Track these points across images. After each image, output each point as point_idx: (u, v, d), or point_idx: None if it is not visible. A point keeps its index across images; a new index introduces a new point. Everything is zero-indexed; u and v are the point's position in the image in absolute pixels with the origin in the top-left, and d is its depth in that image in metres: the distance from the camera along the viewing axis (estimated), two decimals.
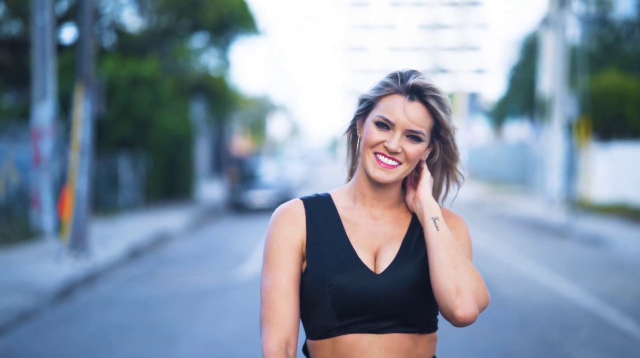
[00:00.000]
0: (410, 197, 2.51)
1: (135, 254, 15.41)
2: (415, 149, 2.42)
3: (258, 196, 27.17)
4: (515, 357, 7.79)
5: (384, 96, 2.43)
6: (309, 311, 2.43)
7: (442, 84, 2.49)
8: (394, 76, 2.44)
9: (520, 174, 37.41)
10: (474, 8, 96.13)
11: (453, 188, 2.61)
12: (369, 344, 2.39)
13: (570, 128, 23.98)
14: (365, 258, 2.43)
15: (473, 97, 63.45)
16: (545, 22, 26.45)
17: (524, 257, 14.88)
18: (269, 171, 29.10)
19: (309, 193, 2.62)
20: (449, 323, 2.37)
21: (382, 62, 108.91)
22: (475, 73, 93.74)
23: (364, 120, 2.48)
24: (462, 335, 8.25)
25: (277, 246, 2.43)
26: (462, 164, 2.58)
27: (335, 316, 2.39)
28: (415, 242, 2.46)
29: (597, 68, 29.51)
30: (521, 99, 37.60)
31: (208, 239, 18.79)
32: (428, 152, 2.49)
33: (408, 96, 2.41)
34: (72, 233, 13.86)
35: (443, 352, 7.44)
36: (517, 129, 47.54)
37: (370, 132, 2.42)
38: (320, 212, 2.49)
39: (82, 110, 14.16)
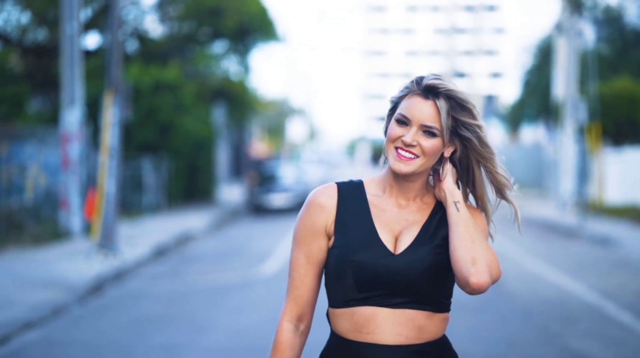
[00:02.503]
0: (437, 189, 2.76)
1: (160, 253, 16.11)
2: (431, 144, 2.66)
3: (277, 199, 27.68)
4: (517, 345, 8.42)
5: (404, 96, 2.71)
6: (333, 282, 2.70)
7: (459, 88, 2.79)
8: (415, 79, 2.72)
9: (535, 178, 37.74)
10: (491, 12, 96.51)
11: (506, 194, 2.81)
12: (384, 317, 2.64)
13: (582, 133, 24.47)
14: (386, 239, 2.67)
15: (489, 100, 63.82)
16: (558, 28, 26.92)
17: (534, 256, 15.46)
18: (287, 174, 29.48)
19: None
20: (456, 315, 2.74)
21: (399, 66, 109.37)
22: (492, 77, 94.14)
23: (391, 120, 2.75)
24: (468, 325, 8.88)
25: (304, 227, 2.74)
26: (500, 163, 2.77)
27: (355, 289, 2.64)
28: (433, 229, 2.71)
29: (610, 73, 29.97)
30: (536, 103, 37.97)
31: (229, 239, 19.46)
32: (451, 149, 2.72)
33: (423, 95, 2.67)
34: (101, 233, 14.59)
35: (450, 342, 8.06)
36: (532, 133, 47.86)
37: (391, 128, 2.69)
38: (352, 196, 2.75)
39: (111, 115, 14.87)
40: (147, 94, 24.96)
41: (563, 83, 26.19)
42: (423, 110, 2.65)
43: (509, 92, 76.28)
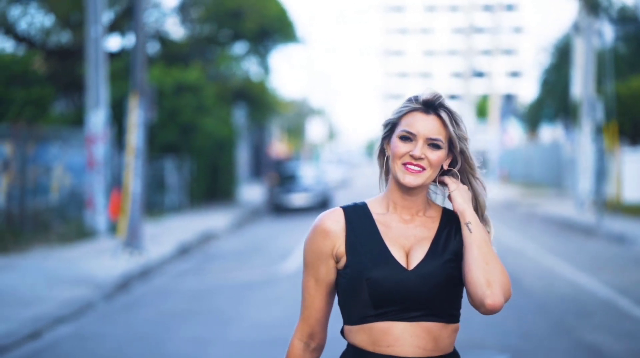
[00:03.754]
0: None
1: (184, 251, 16.47)
2: (437, 156, 2.76)
3: (297, 199, 27.95)
4: (532, 337, 8.71)
5: (404, 114, 2.81)
6: (348, 300, 2.78)
7: (478, 87, 2.86)
8: (410, 98, 2.84)
9: (554, 177, 37.84)
10: (509, 12, 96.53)
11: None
12: (402, 331, 2.72)
13: (600, 132, 24.65)
14: (398, 256, 2.75)
15: (508, 99, 63.92)
16: (575, 27, 27.09)
17: (551, 253, 15.70)
18: (307, 173, 29.74)
19: (346, 193, 3.19)
20: (473, 309, 2.75)
21: (418, 65, 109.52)
22: (511, 76, 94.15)
23: (389, 140, 2.84)
24: (485, 319, 9.15)
25: (310, 252, 2.84)
26: (481, 173, 2.87)
27: (371, 305, 2.72)
28: (442, 243, 2.79)
29: (627, 72, 30.08)
30: (555, 102, 38.08)
31: (250, 238, 19.79)
32: (449, 160, 2.83)
33: (423, 110, 2.79)
34: (127, 232, 14.96)
35: (468, 334, 8.40)
36: (551, 132, 47.94)
37: (397, 146, 2.78)
38: (358, 217, 2.83)
39: (136, 117, 15.23)
40: (169, 95, 25.35)
41: (580, 83, 26.35)
42: (426, 124, 2.77)
43: (528, 91, 76.31)
